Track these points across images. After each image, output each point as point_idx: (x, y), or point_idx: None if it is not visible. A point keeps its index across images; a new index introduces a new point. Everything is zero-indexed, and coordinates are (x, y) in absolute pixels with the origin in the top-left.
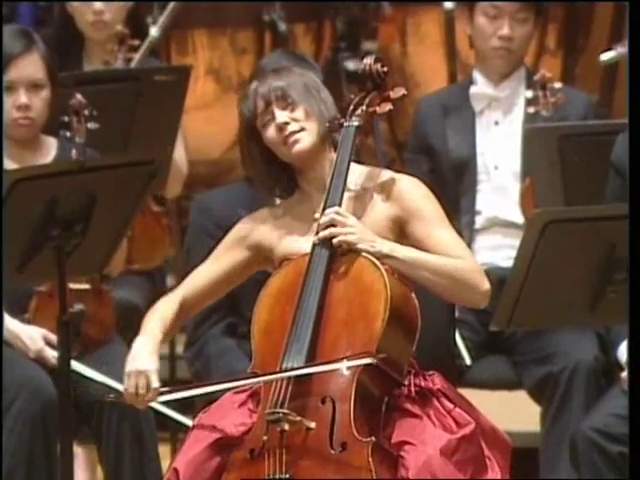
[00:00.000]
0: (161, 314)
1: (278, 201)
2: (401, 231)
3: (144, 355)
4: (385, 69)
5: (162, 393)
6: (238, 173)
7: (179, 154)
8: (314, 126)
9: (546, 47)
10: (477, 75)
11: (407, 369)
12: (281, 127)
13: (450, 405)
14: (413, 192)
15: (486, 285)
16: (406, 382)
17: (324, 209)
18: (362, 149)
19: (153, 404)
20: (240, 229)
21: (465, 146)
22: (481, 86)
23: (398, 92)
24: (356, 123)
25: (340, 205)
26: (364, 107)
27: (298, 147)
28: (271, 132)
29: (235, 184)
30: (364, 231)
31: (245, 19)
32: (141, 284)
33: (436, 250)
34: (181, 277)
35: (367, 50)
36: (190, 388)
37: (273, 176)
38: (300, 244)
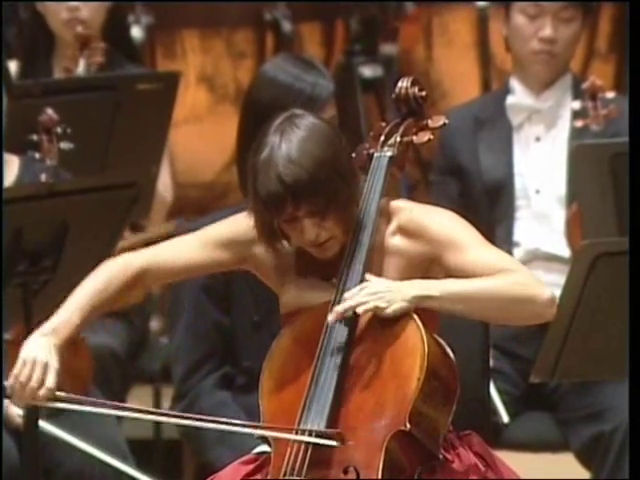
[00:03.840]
0: (104, 284)
1: None
2: (434, 268)
3: (48, 346)
4: (423, 93)
5: (59, 399)
6: (234, 198)
7: (162, 178)
8: (342, 230)
9: (596, 50)
10: (515, 83)
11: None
12: (309, 240)
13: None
14: (436, 221)
15: (546, 293)
16: (440, 456)
17: (347, 260)
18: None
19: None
20: (241, 233)
21: (501, 166)
22: (520, 96)
23: (438, 121)
24: (389, 153)
25: (366, 261)
26: (398, 136)
27: (326, 253)
28: (292, 233)
29: (231, 210)
30: (390, 289)
31: (243, 18)
32: (118, 326)
33: (479, 272)
34: (167, 318)
35: (386, 54)
36: (96, 405)
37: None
38: (310, 298)
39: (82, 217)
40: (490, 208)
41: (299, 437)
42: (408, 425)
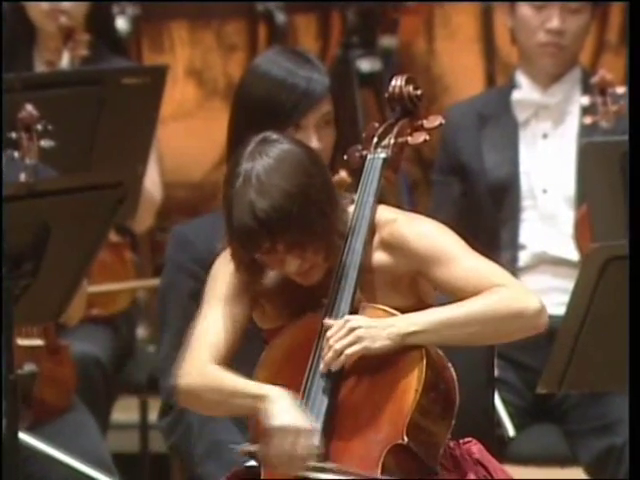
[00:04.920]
0: (228, 373)
1: None
2: (420, 281)
3: (297, 408)
4: (418, 92)
5: (326, 469)
6: None
7: (150, 178)
8: (323, 257)
9: (606, 43)
10: (521, 77)
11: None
12: (290, 272)
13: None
14: (418, 234)
15: (534, 304)
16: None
17: (340, 270)
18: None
19: None
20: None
21: (506, 165)
22: (526, 91)
23: (434, 121)
24: (383, 155)
25: (359, 272)
26: (393, 137)
27: (309, 281)
28: (273, 264)
29: (221, 212)
30: (374, 326)
31: (234, 9)
32: (103, 334)
33: (466, 288)
34: (155, 326)
35: (385, 47)
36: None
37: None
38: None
39: (64, 219)
40: (494, 209)
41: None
42: (405, 439)
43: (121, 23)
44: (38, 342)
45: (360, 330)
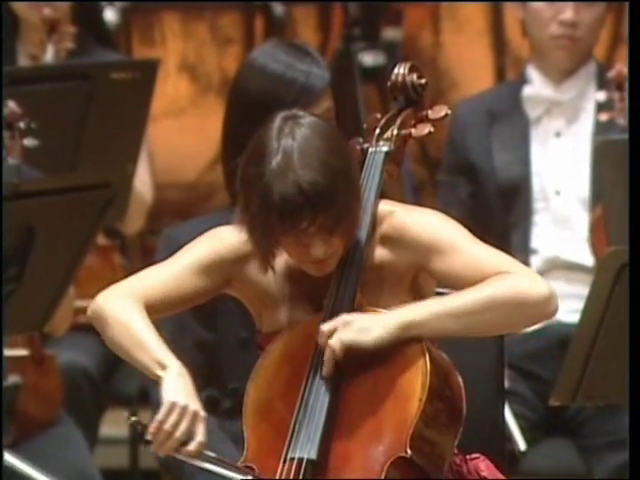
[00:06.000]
0: (147, 320)
1: None
2: (422, 276)
3: (191, 390)
4: (422, 81)
5: (207, 458)
6: (219, 199)
7: (141, 178)
8: (344, 244)
9: (623, 36)
10: (532, 72)
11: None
12: (314, 256)
13: None
14: (418, 224)
15: (544, 291)
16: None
17: (340, 272)
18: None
19: None
20: (225, 252)
21: (517, 165)
22: (538, 86)
23: (439, 112)
24: (385, 148)
25: (360, 273)
26: (395, 129)
27: (325, 270)
28: (294, 248)
29: (215, 214)
30: (368, 320)
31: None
32: (90, 342)
33: (470, 276)
34: None
35: (389, 40)
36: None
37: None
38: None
39: (50, 221)
40: (505, 211)
41: None
42: (409, 451)
43: (110, 15)
44: (23, 352)
45: (353, 321)
